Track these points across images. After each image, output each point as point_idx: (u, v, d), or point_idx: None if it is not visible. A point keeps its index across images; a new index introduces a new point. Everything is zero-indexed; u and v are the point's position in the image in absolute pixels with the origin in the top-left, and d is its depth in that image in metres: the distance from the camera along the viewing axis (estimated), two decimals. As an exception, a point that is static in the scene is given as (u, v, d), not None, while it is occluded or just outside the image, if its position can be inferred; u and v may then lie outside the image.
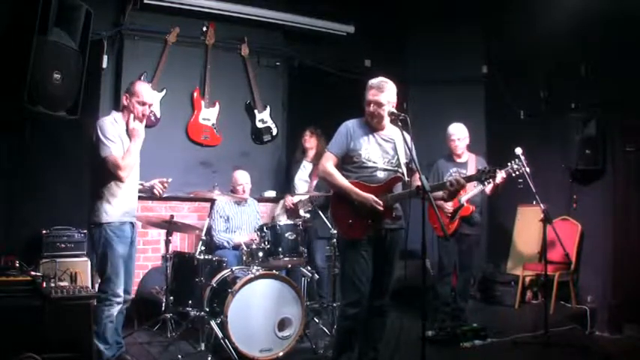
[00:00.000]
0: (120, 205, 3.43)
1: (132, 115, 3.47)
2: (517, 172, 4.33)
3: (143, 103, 3.49)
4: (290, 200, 5.31)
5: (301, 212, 5.18)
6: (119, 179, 3.37)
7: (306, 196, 5.11)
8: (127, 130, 3.47)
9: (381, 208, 3.19)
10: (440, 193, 3.39)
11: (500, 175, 4.34)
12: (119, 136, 3.42)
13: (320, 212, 4.75)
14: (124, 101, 3.50)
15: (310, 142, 5.38)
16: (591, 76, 5.42)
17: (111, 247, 3.38)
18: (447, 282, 4.82)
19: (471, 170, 4.64)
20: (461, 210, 4.65)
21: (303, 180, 5.36)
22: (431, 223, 4.43)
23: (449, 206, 4.62)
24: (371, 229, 3.25)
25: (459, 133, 4.75)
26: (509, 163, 4.37)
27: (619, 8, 4.85)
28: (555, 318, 4.99)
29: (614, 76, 5.07)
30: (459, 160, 4.79)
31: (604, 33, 5.10)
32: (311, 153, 5.38)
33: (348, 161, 3.33)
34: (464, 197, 4.61)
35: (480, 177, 3.36)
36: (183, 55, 5.51)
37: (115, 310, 3.40)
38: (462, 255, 4.79)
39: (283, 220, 4.87)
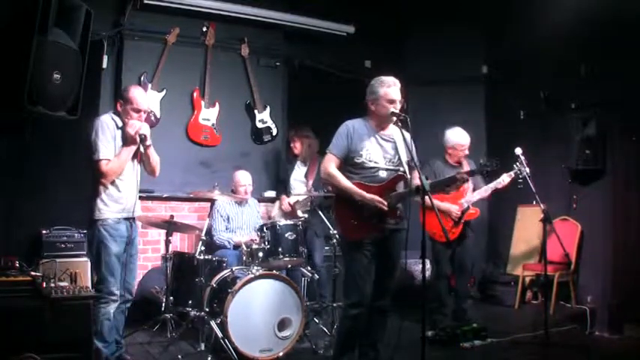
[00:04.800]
0: (115, 203, 3.42)
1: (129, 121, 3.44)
2: (521, 176, 4.35)
3: (138, 111, 3.48)
4: (287, 201, 5.30)
5: (299, 213, 5.18)
6: (102, 184, 3.38)
7: (304, 197, 5.10)
8: (123, 133, 3.45)
9: (386, 208, 3.18)
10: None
11: (508, 179, 4.43)
12: (113, 138, 3.41)
13: (320, 212, 4.75)
14: (119, 107, 3.50)
15: (296, 147, 5.39)
16: (591, 76, 5.42)
17: (104, 246, 3.38)
18: (443, 283, 4.82)
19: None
20: (467, 213, 4.64)
21: (299, 180, 5.35)
22: (430, 229, 4.39)
23: (456, 211, 4.61)
24: (375, 230, 3.25)
25: (463, 141, 4.71)
26: (515, 166, 4.39)
27: (619, 8, 4.85)
28: (555, 318, 5.00)
29: (614, 76, 5.07)
30: (456, 165, 4.75)
31: (604, 33, 5.10)
32: (300, 156, 5.38)
33: (349, 162, 3.32)
34: (465, 200, 4.61)
35: (482, 170, 3.36)
36: (183, 55, 5.51)
37: (112, 307, 3.39)
38: (462, 257, 4.78)
39: (283, 221, 4.87)
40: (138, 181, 3.56)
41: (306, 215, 5.05)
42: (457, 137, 4.74)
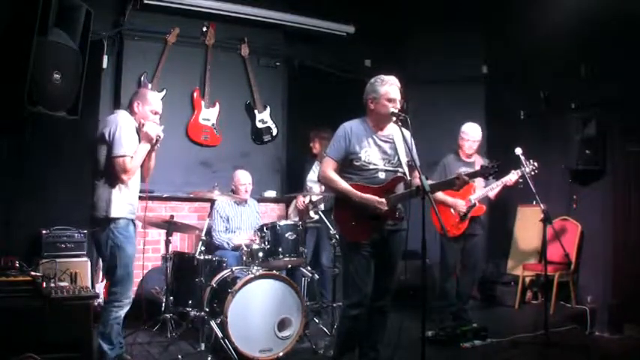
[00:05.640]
0: (128, 203, 3.41)
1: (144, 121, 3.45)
2: (527, 169, 4.37)
3: (156, 112, 3.52)
4: (301, 200, 5.31)
5: (311, 213, 5.19)
6: (121, 181, 3.35)
7: (318, 197, 5.11)
8: (138, 130, 3.46)
9: (385, 208, 3.17)
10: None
11: (515, 177, 4.48)
12: (134, 135, 3.42)
13: (322, 215, 4.76)
14: (136, 108, 3.48)
15: (315, 147, 5.40)
16: (591, 76, 5.43)
17: (120, 249, 3.35)
18: (451, 282, 4.81)
19: None
20: (472, 210, 4.65)
21: (314, 182, 5.36)
22: (434, 222, 4.43)
23: (462, 205, 4.62)
24: (374, 231, 3.24)
25: (473, 134, 4.74)
26: (521, 165, 4.40)
27: (619, 8, 4.85)
28: (555, 318, 5.00)
29: (614, 76, 5.07)
30: (467, 160, 4.77)
31: (604, 33, 5.10)
32: (319, 157, 5.39)
33: (348, 164, 3.31)
34: (474, 196, 4.61)
35: (484, 173, 3.36)
36: (183, 55, 5.51)
37: (124, 311, 3.38)
38: (468, 255, 4.79)
39: (283, 221, 4.88)
40: (140, 183, 3.58)
41: (317, 216, 5.05)
42: (465, 127, 4.78)
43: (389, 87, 3.26)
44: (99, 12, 4.19)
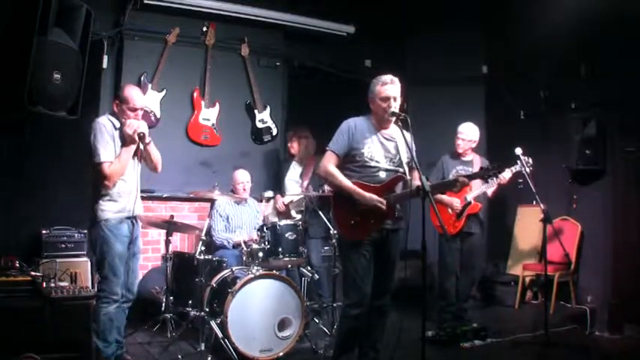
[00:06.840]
0: (116, 203, 3.41)
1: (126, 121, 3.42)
2: (526, 170, 4.36)
3: (134, 109, 3.45)
4: (281, 201, 5.31)
5: (292, 213, 5.18)
6: (105, 186, 3.36)
7: (298, 197, 5.10)
8: (121, 134, 3.43)
9: (385, 208, 3.17)
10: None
11: (509, 174, 4.46)
12: (112, 139, 3.39)
13: (320, 212, 4.76)
14: (115, 108, 3.47)
15: (293, 147, 5.38)
16: (591, 76, 5.43)
17: (108, 246, 3.37)
18: (451, 281, 4.82)
19: (476, 169, 4.66)
20: (468, 208, 4.65)
21: (293, 180, 5.35)
22: (433, 221, 4.44)
23: (458, 204, 4.62)
24: (373, 230, 3.24)
25: (466, 133, 4.74)
26: (517, 162, 4.40)
27: (619, 8, 4.85)
28: (555, 318, 5.00)
29: (614, 76, 5.08)
30: (464, 158, 4.78)
31: (604, 33, 5.10)
32: (297, 156, 5.38)
33: (350, 160, 3.30)
34: (470, 195, 4.62)
35: (483, 175, 3.36)
36: (183, 55, 5.51)
37: (113, 307, 3.38)
38: (466, 254, 4.78)
39: (283, 221, 4.87)
40: (138, 179, 3.55)
41: (299, 216, 5.03)
42: (460, 126, 4.79)
43: (381, 86, 3.27)
44: (99, 12, 4.20)
